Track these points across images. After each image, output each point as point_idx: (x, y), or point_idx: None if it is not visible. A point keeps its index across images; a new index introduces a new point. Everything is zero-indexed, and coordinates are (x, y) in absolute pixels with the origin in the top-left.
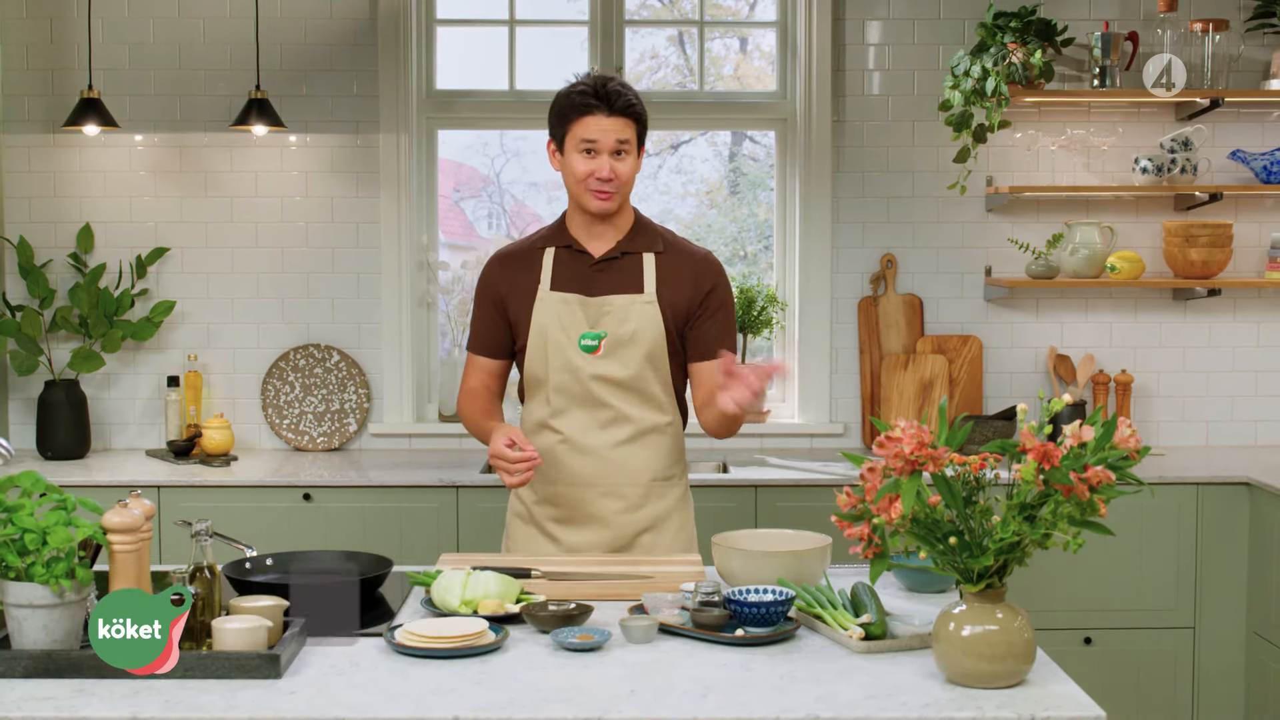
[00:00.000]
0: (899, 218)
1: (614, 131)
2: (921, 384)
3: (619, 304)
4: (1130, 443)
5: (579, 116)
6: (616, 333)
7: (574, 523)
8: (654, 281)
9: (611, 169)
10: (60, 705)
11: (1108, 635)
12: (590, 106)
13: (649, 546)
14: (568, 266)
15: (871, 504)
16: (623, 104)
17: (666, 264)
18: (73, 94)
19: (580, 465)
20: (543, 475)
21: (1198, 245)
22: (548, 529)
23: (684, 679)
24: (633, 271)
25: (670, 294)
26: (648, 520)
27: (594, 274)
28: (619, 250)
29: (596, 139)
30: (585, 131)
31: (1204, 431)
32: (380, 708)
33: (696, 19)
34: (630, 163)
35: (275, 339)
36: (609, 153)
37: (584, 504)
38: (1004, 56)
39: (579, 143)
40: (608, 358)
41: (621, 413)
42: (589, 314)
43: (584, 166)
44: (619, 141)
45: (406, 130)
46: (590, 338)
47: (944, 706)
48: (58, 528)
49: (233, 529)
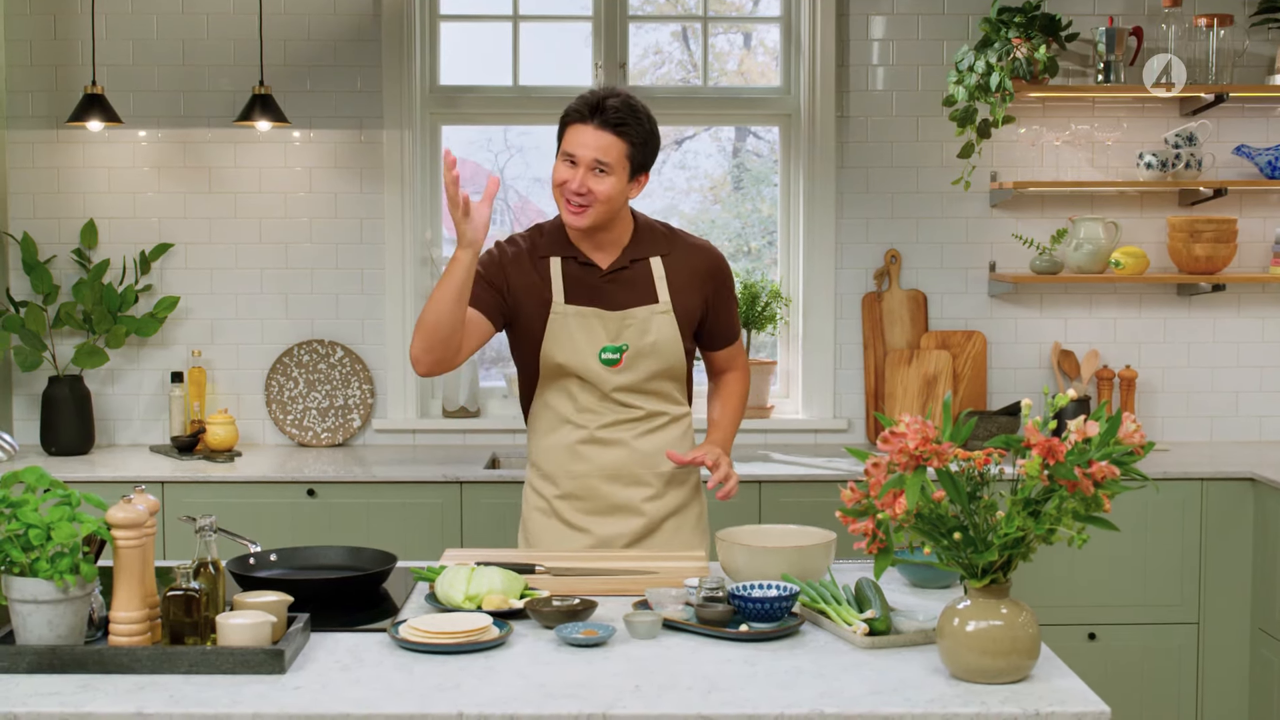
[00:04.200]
0: (903, 213)
1: (594, 148)
2: (925, 379)
3: (640, 316)
4: (1135, 438)
5: (569, 124)
6: (638, 344)
7: (602, 513)
8: (666, 288)
9: (584, 183)
10: (65, 701)
11: (1112, 631)
12: (580, 116)
13: (674, 529)
14: (578, 279)
15: (876, 499)
16: (615, 120)
17: (674, 266)
18: (76, 90)
19: (605, 457)
20: (566, 470)
21: (1202, 241)
22: (574, 521)
23: (688, 675)
24: (644, 279)
25: (682, 300)
26: (673, 505)
27: (606, 285)
28: (627, 259)
29: (577, 152)
30: (569, 142)
31: (1208, 427)
32: (384, 703)
33: (700, 14)
34: (609, 183)
35: (279, 334)
36: (586, 168)
37: (610, 494)
38: (1008, 52)
39: (562, 153)
40: (628, 369)
41: (641, 410)
42: (609, 328)
43: (560, 175)
44: (597, 161)
45: (410, 126)
46: (611, 350)
47: (948, 702)
48: (62, 523)
49: (237, 525)
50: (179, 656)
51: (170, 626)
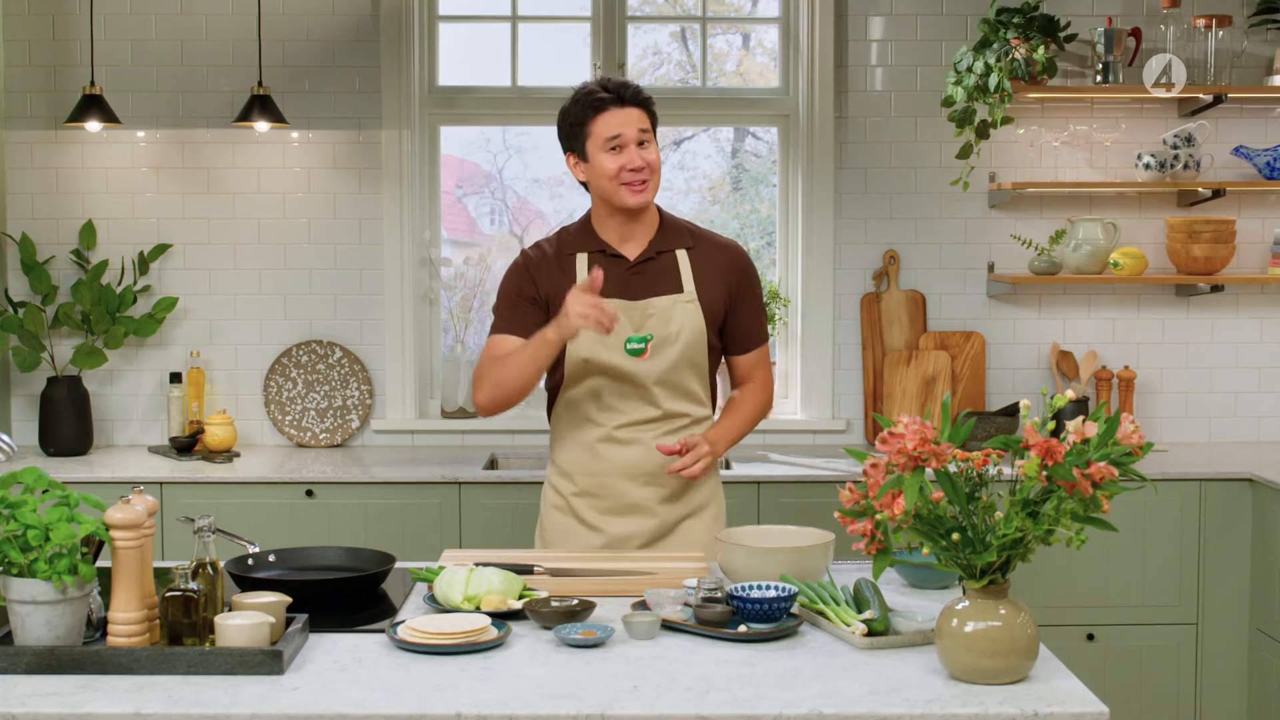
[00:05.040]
0: (902, 214)
1: (634, 121)
2: (924, 380)
3: (662, 305)
4: (1133, 439)
5: (596, 114)
6: (662, 334)
7: (617, 513)
8: (691, 279)
9: (641, 158)
10: (64, 701)
11: (1111, 631)
12: (605, 101)
13: (689, 530)
14: (605, 271)
15: (874, 500)
16: (633, 93)
17: (699, 259)
18: (75, 90)
19: (622, 456)
20: (585, 468)
21: (1201, 241)
22: (589, 520)
23: (686, 675)
24: (669, 270)
25: (707, 291)
26: (687, 508)
27: (632, 277)
28: (654, 250)
29: (620, 132)
30: (607, 127)
31: (1207, 427)
32: (383, 704)
33: (699, 15)
34: (655, 151)
35: (277, 335)
36: (634, 143)
37: (626, 493)
38: (1007, 52)
39: (603, 141)
40: (653, 359)
41: (664, 408)
42: (633, 318)
43: (614, 162)
44: (641, 131)
45: (409, 126)
46: (636, 341)
47: (947, 702)
48: (60, 524)
49: (235, 525)
50: (177, 657)
51: (169, 627)
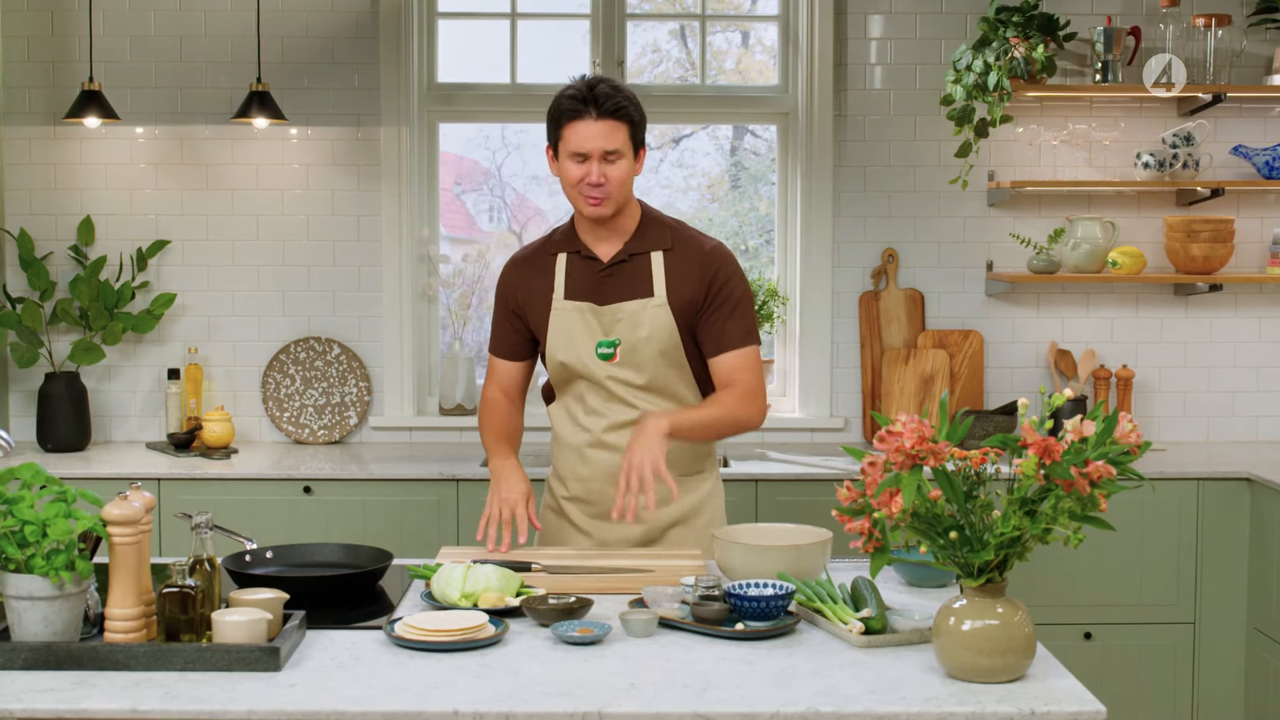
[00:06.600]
0: (900, 212)
1: (602, 138)
2: (922, 379)
3: (630, 310)
4: (1131, 438)
5: (568, 122)
6: (630, 339)
7: (605, 518)
8: (663, 282)
9: (601, 173)
10: (60, 697)
11: (1108, 630)
12: (579, 111)
13: (679, 539)
14: (579, 273)
15: (872, 498)
16: (611, 106)
17: (675, 261)
18: (74, 86)
19: (610, 462)
20: (574, 473)
21: (1199, 240)
22: (579, 524)
23: (684, 673)
24: (641, 274)
25: (679, 293)
26: (676, 514)
27: (603, 280)
28: (626, 253)
29: (585, 149)
30: (575, 140)
31: (1205, 427)
32: (380, 701)
33: (698, 13)
34: (622, 166)
35: (276, 332)
36: (598, 158)
37: (613, 499)
38: (1006, 51)
39: (569, 151)
40: (625, 364)
41: (645, 412)
42: (602, 322)
43: (574, 172)
44: (606, 152)
45: (407, 123)
46: (605, 345)
47: (944, 701)
48: (58, 520)
49: (233, 522)
50: (174, 653)
51: (166, 623)
